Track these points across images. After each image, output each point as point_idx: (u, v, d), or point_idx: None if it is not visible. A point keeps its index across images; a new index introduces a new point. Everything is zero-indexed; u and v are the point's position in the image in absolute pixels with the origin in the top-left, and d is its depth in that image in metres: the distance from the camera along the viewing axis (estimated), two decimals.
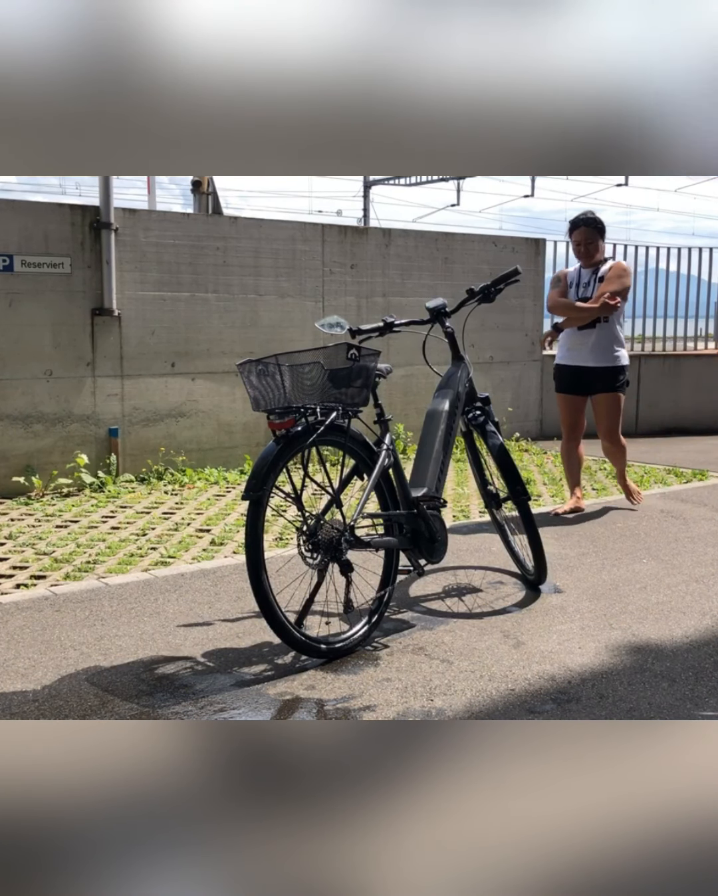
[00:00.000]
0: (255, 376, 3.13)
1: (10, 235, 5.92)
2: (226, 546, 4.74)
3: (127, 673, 3.10)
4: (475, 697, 2.93)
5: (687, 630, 3.53)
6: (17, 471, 6.01)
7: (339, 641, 3.29)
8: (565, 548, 4.72)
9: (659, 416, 9.59)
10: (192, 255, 6.70)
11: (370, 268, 7.65)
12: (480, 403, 3.99)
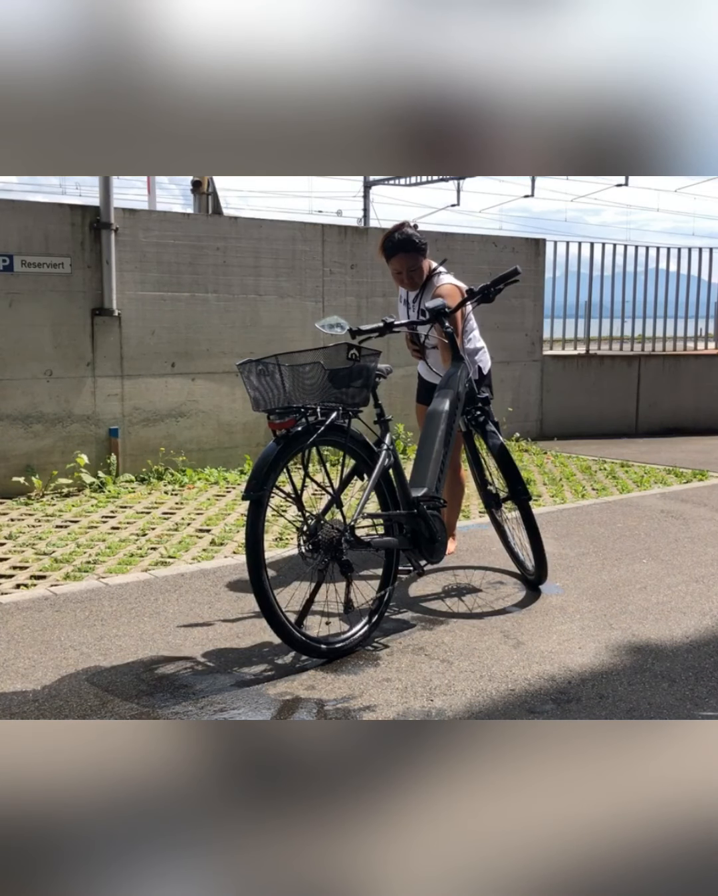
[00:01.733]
0: (255, 376, 3.13)
1: (10, 235, 5.92)
2: (226, 546, 4.74)
3: (127, 673, 3.10)
4: (475, 697, 2.93)
5: (687, 630, 3.53)
6: (17, 471, 6.01)
7: (339, 641, 3.29)
8: (565, 548, 4.71)
9: (659, 416, 9.59)
10: (192, 256, 6.69)
11: (370, 268, 7.65)
12: (480, 403, 3.99)
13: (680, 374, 9.73)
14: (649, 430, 9.50)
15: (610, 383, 9.42)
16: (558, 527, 5.16)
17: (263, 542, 3.11)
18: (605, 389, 9.38)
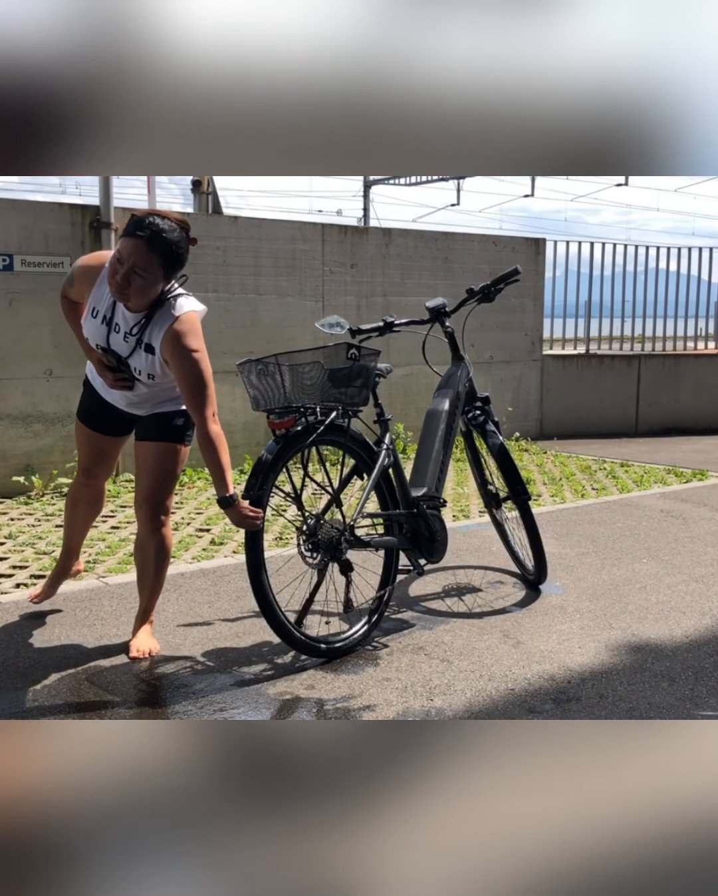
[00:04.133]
0: (255, 376, 3.12)
1: (10, 235, 5.92)
2: (226, 546, 4.74)
3: (127, 673, 3.10)
4: (474, 697, 2.93)
5: (687, 630, 3.53)
6: (17, 471, 6.01)
7: (339, 641, 3.29)
8: (565, 548, 4.71)
9: (659, 416, 9.59)
10: (191, 255, 6.65)
11: (370, 267, 7.64)
12: (480, 403, 3.99)
13: (680, 374, 9.73)
14: (649, 429, 9.50)
15: (610, 383, 9.41)
16: (558, 526, 5.16)
17: (263, 541, 3.11)
18: (605, 389, 9.37)
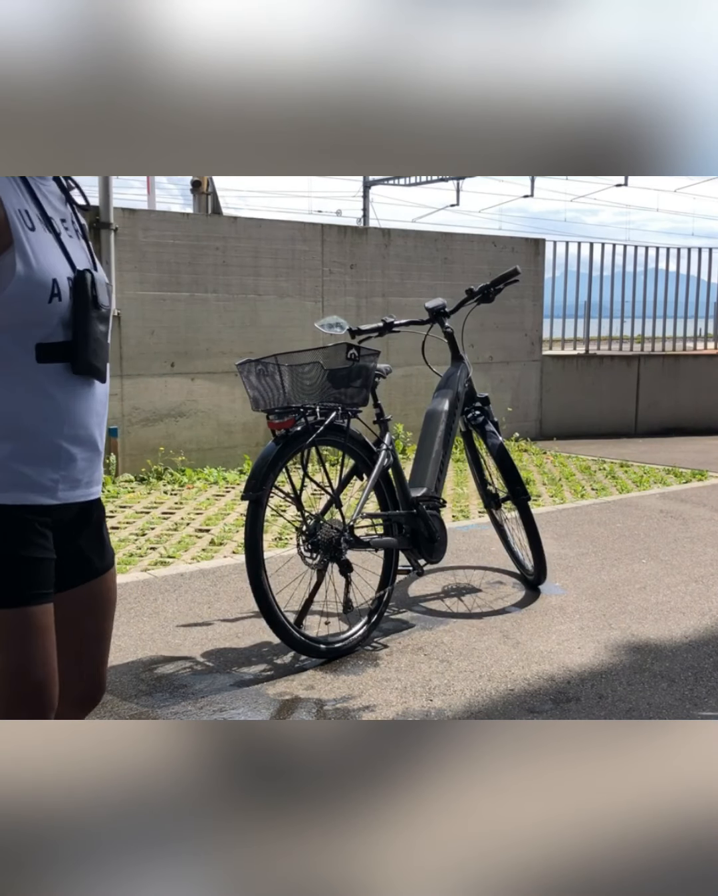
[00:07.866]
0: (254, 376, 3.13)
1: None
2: (225, 546, 4.74)
3: (127, 673, 3.10)
4: (474, 697, 2.93)
5: (687, 630, 3.53)
6: None
7: (338, 641, 3.29)
8: (564, 548, 4.71)
9: (659, 416, 9.59)
10: (191, 255, 6.69)
11: (370, 268, 7.65)
12: (479, 403, 3.99)
13: (680, 374, 9.74)
14: (648, 430, 9.50)
15: (610, 383, 9.42)
16: (557, 527, 5.16)
17: (263, 542, 3.11)
18: (604, 389, 9.38)
